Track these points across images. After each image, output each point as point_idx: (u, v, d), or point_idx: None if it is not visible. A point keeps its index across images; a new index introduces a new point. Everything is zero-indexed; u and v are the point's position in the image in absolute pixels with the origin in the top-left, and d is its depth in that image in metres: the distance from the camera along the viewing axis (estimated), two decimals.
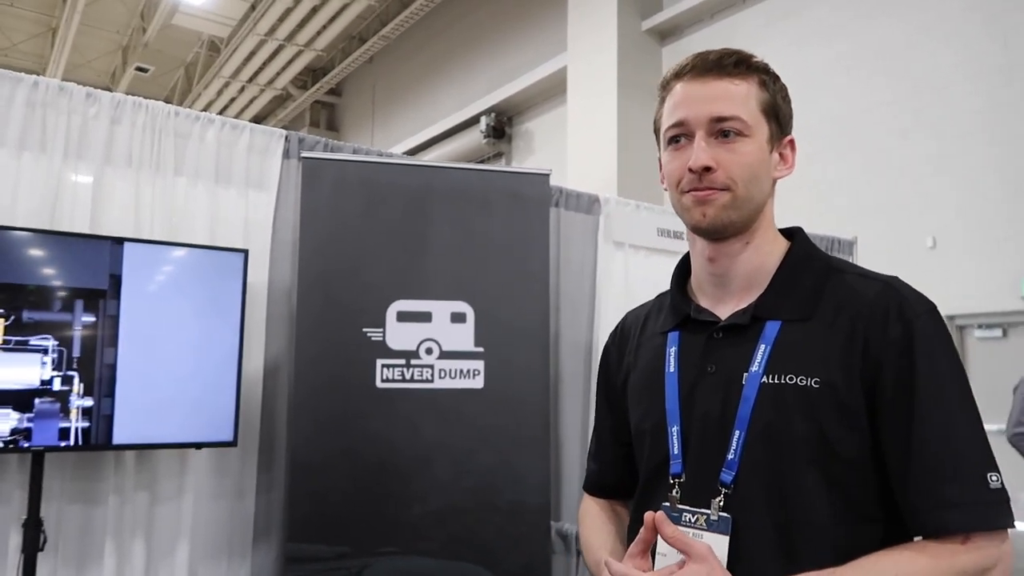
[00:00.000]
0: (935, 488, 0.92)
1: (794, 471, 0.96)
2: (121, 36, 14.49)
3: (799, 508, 0.96)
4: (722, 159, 1.01)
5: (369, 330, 2.71)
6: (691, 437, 1.04)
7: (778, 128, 1.07)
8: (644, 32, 10.16)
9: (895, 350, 0.96)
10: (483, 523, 2.71)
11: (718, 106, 1.02)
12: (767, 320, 1.03)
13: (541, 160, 11.83)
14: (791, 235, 1.13)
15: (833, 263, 1.09)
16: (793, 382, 0.98)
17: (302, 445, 2.61)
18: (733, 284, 1.08)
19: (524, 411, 2.80)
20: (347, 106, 17.58)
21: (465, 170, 3.12)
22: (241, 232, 2.78)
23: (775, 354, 1.00)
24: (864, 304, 1.00)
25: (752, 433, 0.98)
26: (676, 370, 1.08)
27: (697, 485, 1.02)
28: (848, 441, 0.96)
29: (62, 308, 2.27)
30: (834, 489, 0.96)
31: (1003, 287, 7.17)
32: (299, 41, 13.07)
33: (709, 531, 0.98)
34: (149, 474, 2.56)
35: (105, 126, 2.55)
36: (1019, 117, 7.14)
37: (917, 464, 0.93)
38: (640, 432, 1.14)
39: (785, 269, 1.07)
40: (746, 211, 1.04)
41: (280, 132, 2.93)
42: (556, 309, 3.35)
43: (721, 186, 1.01)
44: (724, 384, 1.02)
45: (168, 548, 2.59)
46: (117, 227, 2.53)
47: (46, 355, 2.24)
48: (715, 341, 1.06)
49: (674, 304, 1.14)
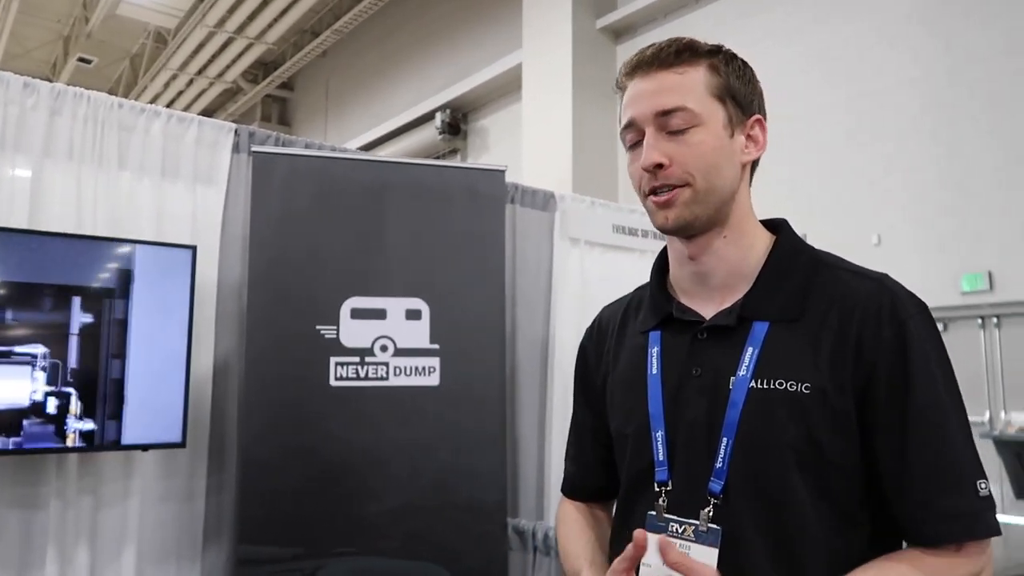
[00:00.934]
0: (933, 498, 0.91)
1: (785, 479, 0.94)
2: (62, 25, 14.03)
3: (792, 517, 0.93)
4: (674, 153, 0.97)
5: (322, 327, 2.67)
6: (677, 443, 1.00)
7: (738, 110, 1.01)
8: (599, 30, 10.23)
9: (888, 352, 0.94)
10: (440, 521, 2.69)
11: (661, 99, 0.98)
12: (754, 321, 0.99)
13: (497, 157, 11.82)
14: (775, 227, 1.08)
15: (821, 257, 1.05)
16: (783, 387, 0.94)
17: (253, 445, 2.56)
18: (714, 281, 1.04)
19: (480, 408, 2.79)
20: (300, 101, 17.32)
21: (420, 166, 3.09)
22: (189, 228, 2.71)
23: (763, 357, 0.96)
24: (855, 303, 0.97)
25: (740, 440, 0.95)
26: (659, 372, 1.04)
27: (685, 494, 0.98)
28: (839, 447, 0.93)
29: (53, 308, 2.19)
30: (825, 496, 0.93)
31: (944, 283, 7.41)
32: (249, 34, 12.81)
33: (697, 543, 0.95)
34: (93, 478, 2.48)
35: (44, 118, 2.46)
36: (961, 118, 7.39)
37: (914, 473, 0.91)
38: (621, 436, 1.09)
39: (771, 265, 1.02)
40: (711, 203, 0.99)
41: (230, 126, 2.86)
42: (512, 306, 3.35)
43: (678, 182, 0.97)
44: (710, 388, 0.99)
45: (113, 553, 2.51)
46: (57, 223, 2.45)
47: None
48: (700, 342, 1.02)
49: (655, 302, 1.10)
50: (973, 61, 7.34)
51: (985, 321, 7.40)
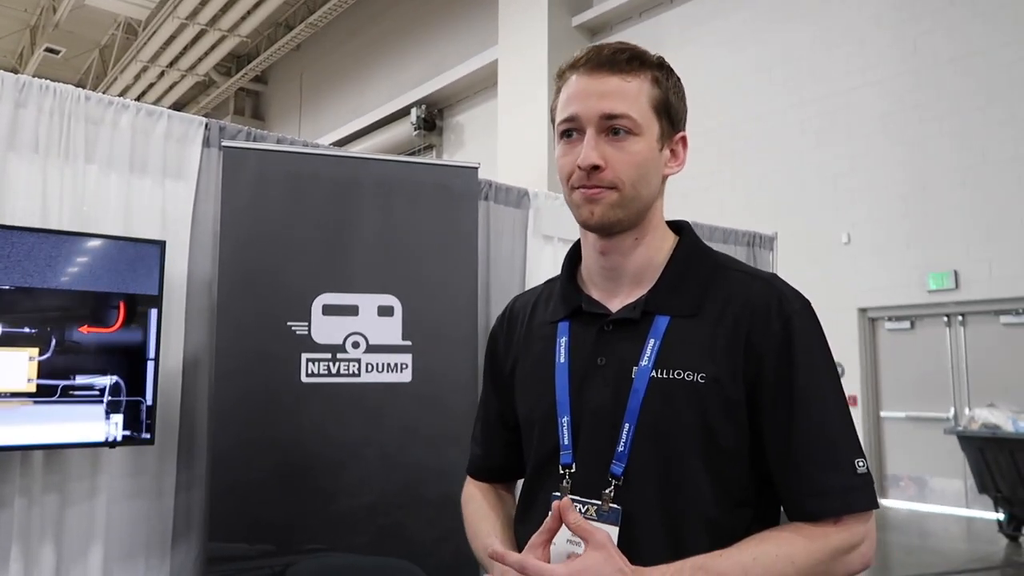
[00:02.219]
0: (812, 476, 0.98)
1: (681, 462, 1.00)
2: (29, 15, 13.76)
3: (685, 498, 1.00)
4: (611, 157, 1.02)
5: (294, 324, 2.66)
6: (581, 429, 1.05)
7: (669, 125, 1.07)
8: (574, 28, 10.26)
9: (775, 344, 1.01)
10: (412, 517, 2.69)
11: (608, 103, 1.02)
12: (656, 315, 1.05)
13: (472, 153, 11.80)
14: (678, 228, 1.14)
15: (719, 259, 1.12)
16: (681, 376, 1.01)
17: (223, 441, 2.54)
18: (624, 278, 1.10)
19: (452, 404, 2.80)
20: (273, 94, 17.15)
21: (392, 162, 3.09)
22: (158, 223, 2.68)
23: (664, 349, 1.03)
24: (747, 301, 1.04)
25: (641, 426, 1.01)
26: (567, 361, 1.09)
27: (588, 476, 1.03)
28: (730, 433, 1.00)
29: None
30: (716, 478, 1.00)
31: (912, 282, 7.55)
32: (222, 26, 12.66)
33: (600, 522, 1.00)
34: (59, 475, 2.45)
35: (9, 109, 2.42)
36: (927, 119, 7.52)
37: (795, 453, 0.99)
38: (529, 421, 1.14)
39: (673, 265, 1.09)
40: (633, 209, 1.05)
41: (200, 120, 2.83)
42: (485, 303, 3.35)
43: (608, 184, 1.03)
44: (614, 377, 1.04)
45: (80, 551, 2.48)
46: (22, 216, 2.41)
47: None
48: (606, 334, 1.07)
49: (564, 294, 1.15)
50: (938, 63, 7.48)
51: (951, 319, 7.56)
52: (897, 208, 7.68)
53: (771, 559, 0.94)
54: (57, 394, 2.27)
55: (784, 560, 0.94)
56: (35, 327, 2.25)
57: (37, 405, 2.24)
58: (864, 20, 7.97)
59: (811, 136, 8.27)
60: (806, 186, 8.27)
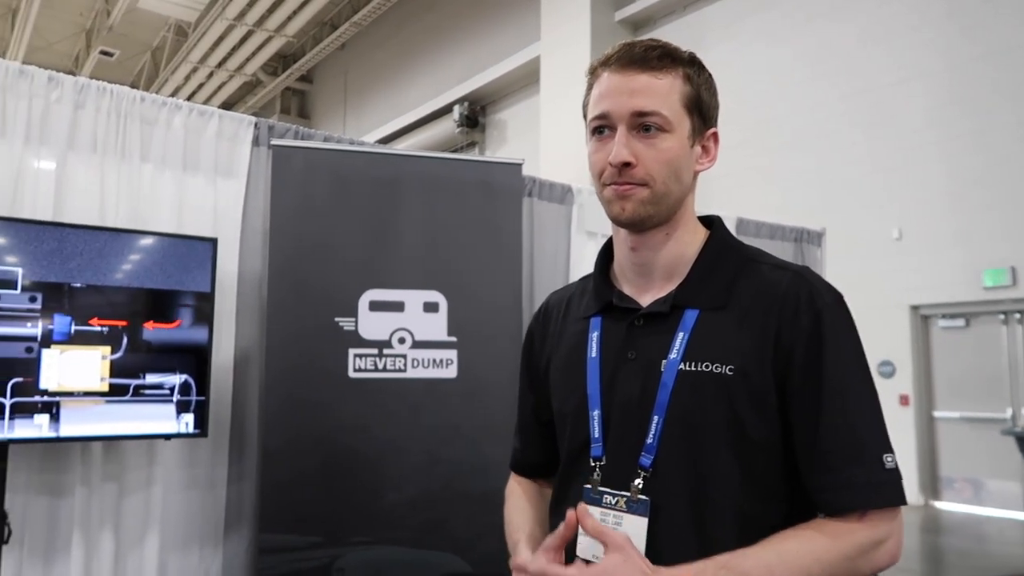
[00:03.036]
0: (838, 470, 0.98)
1: (709, 454, 1.01)
2: (84, 19, 14.16)
3: (714, 489, 1.00)
4: (642, 154, 1.03)
5: (341, 319, 2.70)
6: (611, 421, 1.07)
7: (701, 122, 1.08)
8: (617, 22, 10.18)
9: (805, 338, 1.01)
10: (455, 512, 2.71)
11: (640, 101, 1.03)
12: (686, 308, 1.06)
13: (514, 150, 11.81)
14: (710, 223, 1.15)
15: (749, 253, 1.12)
16: (709, 369, 1.01)
17: (273, 435, 2.59)
18: (655, 273, 1.11)
19: (497, 400, 2.80)
20: (318, 93, 17.38)
21: (438, 159, 3.11)
22: (210, 220, 2.74)
23: (693, 342, 1.03)
24: (776, 294, 1.04)
25: (670, 418, 1.02)
26: (598, 355, 1.11)
27: (617, 468, 1.05)
28: (759, 425, 1.00)
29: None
30: (745, 470, 1.00)
31: (966, 278, 7.33)
32: (269, 27, 12.88)
33: (629, 513, 1.01)
34: (117, 465, 2.53)
35: (68, 111, 2.50)
36: (983, 111, 7.29)
37: (823, 447, 0.98)
38: (562, 415, 1.16)
39: (703, 259, 1.10)
40: (664, 206, 1.05)
41: (249, 119, 2.89)
42: (529, 299, 3.36)
43: (639, 181, 1.03)
44: (644, 370, 1.05)
45: (137, 539, 2.56)
46: (81, 215, 2.48)
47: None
48: (636, 328, 1.09)
49: (597, 290, 1.17)
50: (991, 53, 7.24)
51: (1008, 317, 7.32)
52: (950, 203, 7.46)
53: (796, 556, 0.94)
54: (129, 393, 2.33)
55: (809, 557, 0.94)
56: (107, 326, 2.31)
57: (109, 404, 2.30)
58: (912, 11, 7.76)
59: (859, 130, 8.08)
60: (855, 181, 8.08)
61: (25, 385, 2.19)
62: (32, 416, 2.19)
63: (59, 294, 2.25)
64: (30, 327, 2.21)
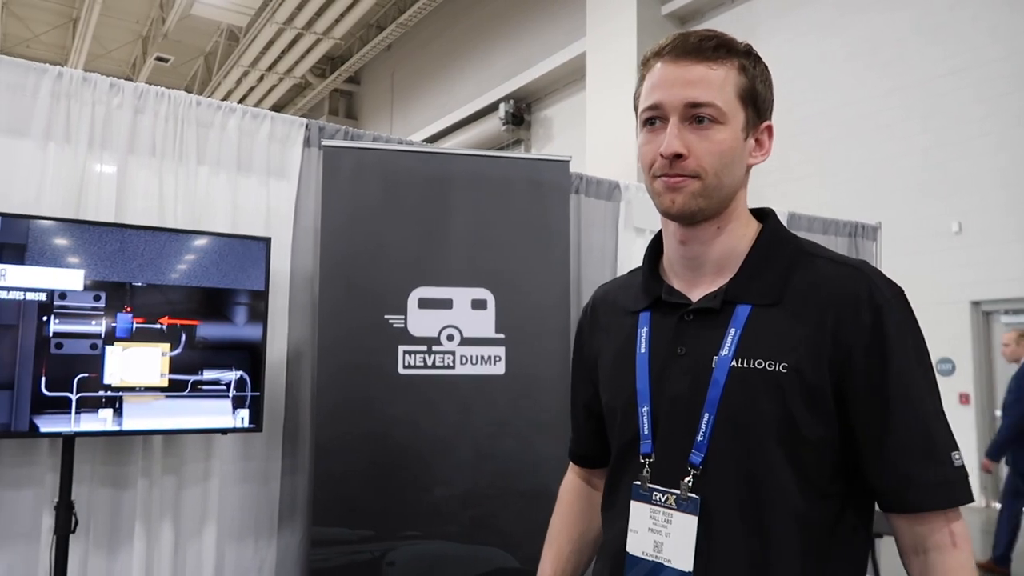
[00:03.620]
0: (910, 469, 0.96)
1: (761, 452, 0.99)
2: (141, 26, 14.58)
3: (766, 488, 0.98)
4: (694, 146, 1.00)
5: (391, 317, 2.73)
6: (661, 418, 1.06)
7: (755, 114, 1.05)
8: (664, 16, 10.07)
9: (866, 335, 0.98)
10: (504, 507, 2.73)
11: (693, 91, 1.00)
12: (737, 304, 1.04)
13: (560, 147, 11.78)
14: (762, 216, 1.12)
15: (803, 246, 1.09)
16: (762, 367, 0.99)
17: (326, 430, 2.64)
18: (705, 267, 1.08)
19: (545, 397, 2.81)
20: (366, 94, 17.58)
21: (485, 157, 3.12)
22: (263, 220, 2.80)
23: (744, 338, 1.01)
24: (834, 289, 1.01)
25: (721, 416, 1.00)
26: (647, 351, 1.09)
27: (667, 465, 1.04)
28: (814, 424, 0.98)
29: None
30: (798, 468, 0.98)
31: None
32: (317, 29, 13.08)
33: (679, 511, 1.01)
34: (176, 458, 2.61)
35: (129, 116, 2.58)
36: None
37: (892, 446, 0.97)
38: (611, 409, 1.15)
39: (755, 253, 1.07)
40: (716, 198, 1.03)
41: (300, 120, 2.94)
42: (577, 295, 3.35)
43: (691, 173, 1.01)
44: (694, 367, 1.04)
45: (195, 530, 2.63)
46: (142, 216, 2.57)
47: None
48: (686, 324, 1.07)
49: (646, 284, 1.15)
50: None
51: None
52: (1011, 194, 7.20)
53: None
54: (187, 389, 2.41)
55: None
56: (166, 323, 2.39)
57: (169, 400, 2.38)
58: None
59: (914, 121, 7.85)
60: (911, 173, 7.85)
61: (90, 381, 2.28)
62: (96, 410, 2.28)
63: (121, 293, 2.33)
64: (94, 325, 2.29)
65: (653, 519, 1.02)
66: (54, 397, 2.23)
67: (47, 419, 2.21)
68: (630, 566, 1.03)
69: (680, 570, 0.99)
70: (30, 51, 14.14)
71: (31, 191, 2.40)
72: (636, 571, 1.03)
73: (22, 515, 2.33)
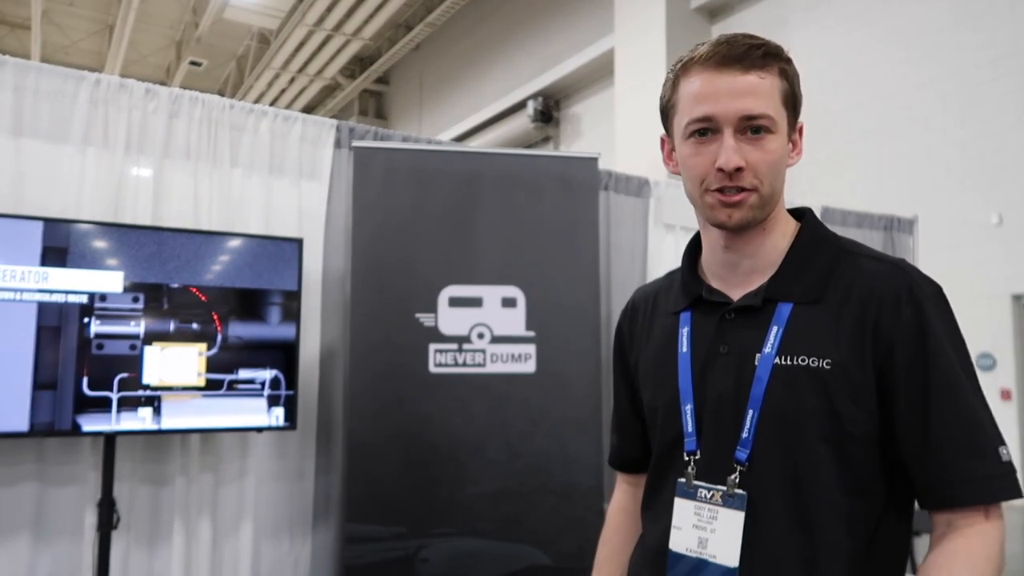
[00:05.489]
0: (956, 464, 0.95)
1: (806, 448, 0.99)
2: (174, 31, 14.83)
3: (812, 483, 0.99)
4: (751, 158, 1.00)
5: (422, 315, 2.75)
6: (705, 416, 1.06)
7: (794, 117, 1.05)
8: (693, 10, 9.97)
9: (907, 332, 0.98)
10: (536, 505, 2.73)
11: (748, 103, 0.99)
12: (779, 302, 1.05)
13: (589, 143, 11.74)
14: (800, 215, 1.13)
15: (843, 244, 1.09)
16: (805, 363, 1.00)
17: (358, 428, 2.67)
18: (744, 267, 1.09)
19: (575, 394, 2.81)
20: (395, 94, 17.68)
21: (513, 155, 3.13)
22: (295, 221, 2.84)
23: (787, 336, 1.02)
24: (874, 286, 1.01)
25: (765, 412, 1.01)
26: (689, 350, 1.10)
27: (712, 463, 1.04)
28: (858, 419, 0.98)
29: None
30: (843, 464, 0.99)
31: None
32: (346, 30, 13.19)
33: (725, 507, 1.01)
34: (213, 456, 2.65)
35: (164, 120, 2.63)
36: None
37: (937, 442, 0.96)
38: (653, 409, 1.16)
39: (795, 251, 1.08)
40: (769, 207, 1.04)
41: (331, 122, 2.97)
42: (607, 292, 3.34)
43: (749, 186, 1.01)
44: (737, 364, 1.04)
45: (232, 527, 2.68)
46: (177, 219, 2.61)
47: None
48: (727, 322, 1.08)
49: (685, 284, 1.16)
50: None
51: None
52: None
53: None
54: (224, 388, 2.45)
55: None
56: (202, 323, 2.44)
57: (206, 399, 2.43)
58: None
59: (951, 113, 7.68)
60: (949, 165, 7.69)
61: (130, 380, 2.33)
62: (136, 409, 2.33)
63: (159, 294, 2.38)
64: (133, 326, 2.34)
65: (698, 515, 1.03)
66: (95, 397, 2.28)
67: (89, 418, 2.27)
68: (672, 563, 1.04)
69: (725, 566, 0.99)
70: (69, 58, 14.45)
71: (71, 196, 2.46)
72: (679, 568, 1.03)
73: (66, 512, 2.39)
